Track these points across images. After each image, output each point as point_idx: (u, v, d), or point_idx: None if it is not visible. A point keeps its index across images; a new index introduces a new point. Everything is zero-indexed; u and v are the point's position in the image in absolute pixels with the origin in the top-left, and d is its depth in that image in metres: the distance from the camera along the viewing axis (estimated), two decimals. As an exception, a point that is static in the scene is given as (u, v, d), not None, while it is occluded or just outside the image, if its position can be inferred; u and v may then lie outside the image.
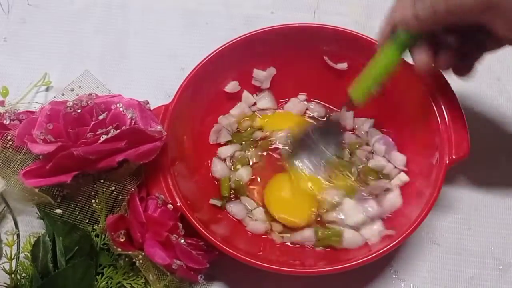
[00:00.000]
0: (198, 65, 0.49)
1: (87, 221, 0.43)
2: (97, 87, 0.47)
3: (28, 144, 0.40)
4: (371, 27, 0.59)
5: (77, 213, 0.42)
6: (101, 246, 0.43)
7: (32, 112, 0.47)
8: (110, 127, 0.41)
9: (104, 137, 0.40)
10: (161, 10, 0.63)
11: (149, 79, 0.58)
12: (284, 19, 0.51)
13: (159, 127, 0.43)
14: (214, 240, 0.41)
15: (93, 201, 0.42)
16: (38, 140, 0.40)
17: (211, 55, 0.49)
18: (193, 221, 0.42)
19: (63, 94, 0.45)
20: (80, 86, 0.46)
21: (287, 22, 0.50)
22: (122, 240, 0.41)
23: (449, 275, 0.48)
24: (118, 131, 0.40)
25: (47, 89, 0.58)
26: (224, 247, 0.41)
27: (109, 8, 0.64)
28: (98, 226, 0.43)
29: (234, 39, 0.50)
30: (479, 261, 0.48)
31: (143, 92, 0.46)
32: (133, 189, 0.43)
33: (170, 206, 0.43)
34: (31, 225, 0.49)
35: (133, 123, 0.41)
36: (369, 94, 0.44)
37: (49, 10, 0.64)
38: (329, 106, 0.54)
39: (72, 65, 0.60)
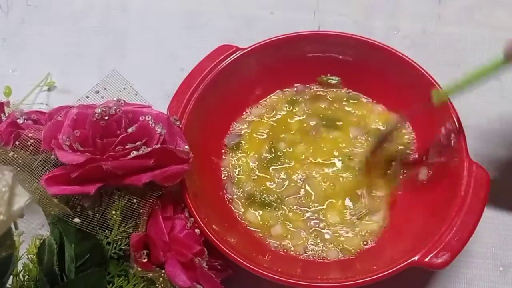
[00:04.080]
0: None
1: (102, 230, 0.42)
2: (124, 88, 0.45)
3: (55, 151, 0.39)
4: (371, 27, 0.60)
5: (95, 223, 0.41)
6: (111, 254, 0.42)
7: (42, 113, 0.46)
8: (139, 142, 0.40)
9: (135, 153, 0.39)
10: (161, 10, 0.63)
11: (148, 79, 0.58)
12: (284, 19, 0.51)
13: (186, 147, 0.42)
14: (251, 266, 0.41)
15: (113, 212, 0.41)
16: (64, 147, 0.39)
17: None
18: (225, 249, 0.41)
19: (87, 97, 0.44)
20: (105, 88, 0.44)
21: (287, 22, 0.50)
22: (144, 260, 0.41)
23: (449, 276, 0.48)
24: (149, 149, 0.39)
25: (49, 89, 0.58)
26: (264, 271, 0.41)
27: (108, 8, 0.64)
28: (110, 233, 0.42)
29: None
30: (480, 262, 0.48)
31: (142, 93, 0.45)
32: (154, 203, 0.42)
33: (197, 231, 0.42)
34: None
35: (161, 139, 0.41)
36: (460, 91, 0.43)
37: (49, 10, 0.64)
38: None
39: (71, 66, 0.60)
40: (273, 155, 0.51)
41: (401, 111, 0.49)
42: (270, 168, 0.50)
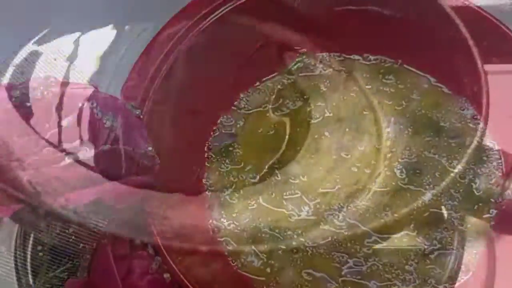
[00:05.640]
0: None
1: (22, 275, 0.37)
2: (55, 59, 0.38)
3: None
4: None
5: (11, 265, 0.37)
6: (39, 310, 0.38)
7: None
8: (79, 141, 0.35)
9: (71, 158, 0.34)
10: None
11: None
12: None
13: (150, 148, 0.37)
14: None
15: (39, 248, 0.36)
16: None
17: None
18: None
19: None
20: (26, 59, 0.38)
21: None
22: None
23: None
24: (93, 151, 0.35)
25: None
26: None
27: None
28: (35, 279, 0.37)
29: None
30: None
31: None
32: (101, 235, 0.36)
33: (167, 276, 0.36)
34: None
35: (112, 137, 0.36)
36: None
37: None
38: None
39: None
40: (280, 178, 0.43)
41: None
42: (283, 199, 0.42)
